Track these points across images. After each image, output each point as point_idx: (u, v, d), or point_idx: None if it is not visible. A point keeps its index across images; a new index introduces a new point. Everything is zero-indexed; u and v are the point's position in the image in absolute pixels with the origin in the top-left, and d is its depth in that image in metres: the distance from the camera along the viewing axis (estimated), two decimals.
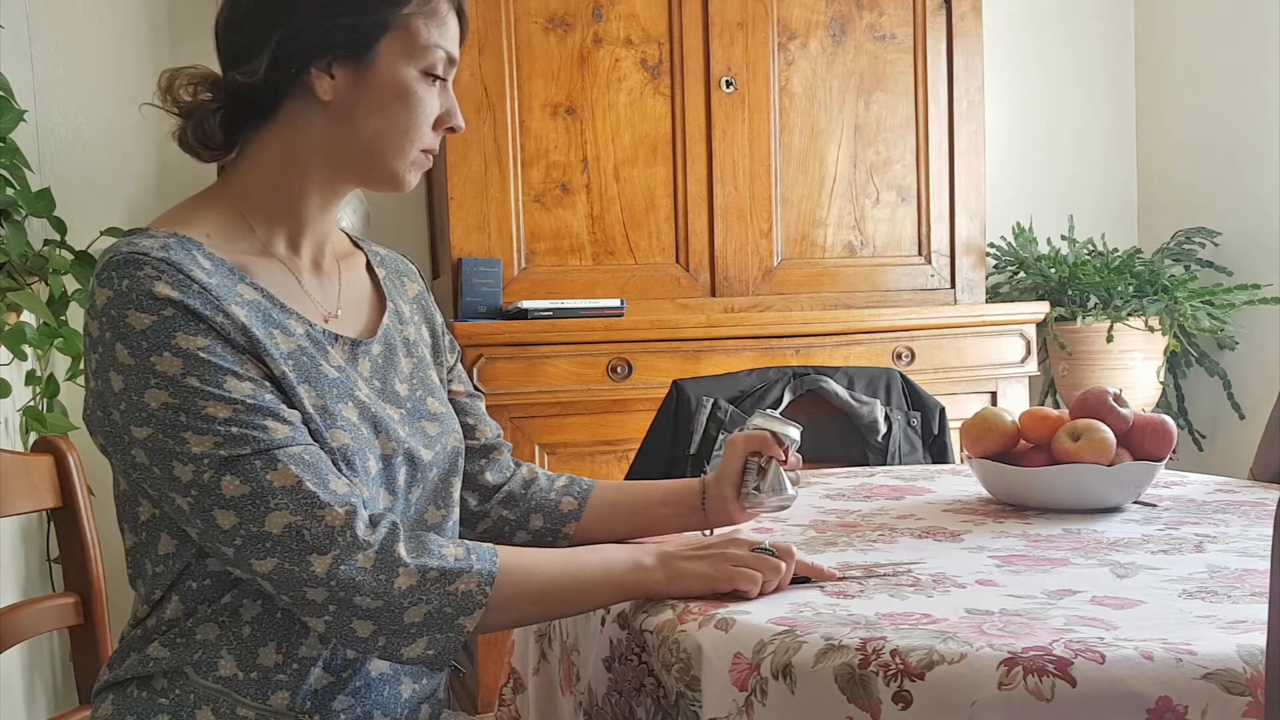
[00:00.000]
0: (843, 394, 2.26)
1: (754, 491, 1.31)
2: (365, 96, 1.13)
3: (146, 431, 1.03)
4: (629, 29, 2.73)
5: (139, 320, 1.02)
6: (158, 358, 1.02)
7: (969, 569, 1.16)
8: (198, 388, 1.02)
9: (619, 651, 1.15)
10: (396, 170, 1.17)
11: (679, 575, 1.09)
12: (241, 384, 1.04)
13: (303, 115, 1.14)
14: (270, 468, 1.02)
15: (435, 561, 1.04)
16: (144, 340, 1.02)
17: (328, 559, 1.01)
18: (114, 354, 1.03)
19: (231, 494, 1.01)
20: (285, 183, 1.16)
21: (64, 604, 1.34)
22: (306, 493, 1.02)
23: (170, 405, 1.02)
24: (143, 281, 1.03)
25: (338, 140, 1.15)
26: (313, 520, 1.02)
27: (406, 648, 1.03)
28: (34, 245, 2.48)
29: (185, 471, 1.02)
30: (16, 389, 2.41)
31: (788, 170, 2.85)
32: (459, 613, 1.03)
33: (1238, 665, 0.84)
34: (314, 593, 1.02)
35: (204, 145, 1.16)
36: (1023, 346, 2.90)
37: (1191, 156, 3.39)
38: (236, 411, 1.02)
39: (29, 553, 2.58)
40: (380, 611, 1.02)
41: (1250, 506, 1.47)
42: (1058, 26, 3.50)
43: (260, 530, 1.01)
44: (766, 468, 1.30)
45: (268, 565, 1.02)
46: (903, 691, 0.87)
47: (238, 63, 1.14)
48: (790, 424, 1.32)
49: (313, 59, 1.12)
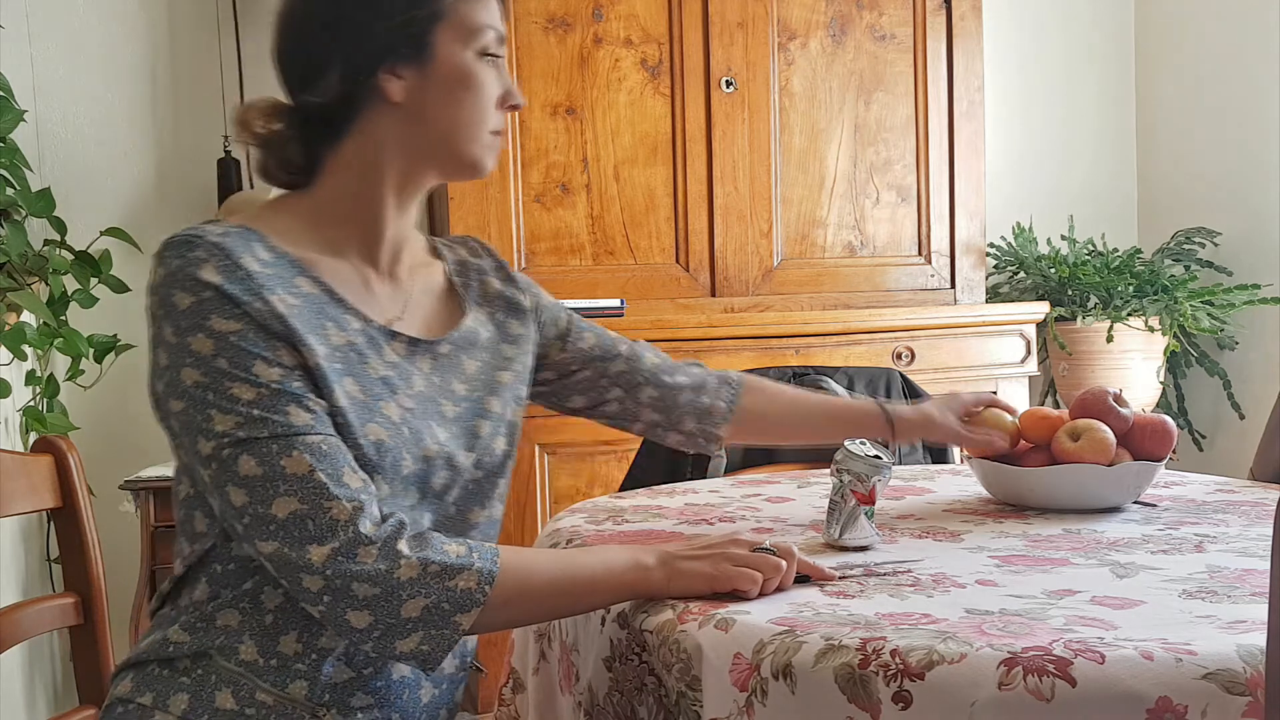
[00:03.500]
0: (843, 394, 2.25)
1: (834, 534, 1.27)
2: (433, 89, 1.16)
3: (180, 406, 1.07)
4: (629, 29, 2.73)
5: (182, 300, 1.06)
6: (193, 337, 1.05)
7: (969, 569, 1.16)
8: (225, 369, 1.05)
9: (619, 651, 1.15)
10: (475, 155, 1.20)
11: (679, 574, 1.09)
12: (269, 369, 1.06)
13: (377, 121, 1.17)
14: (285, 453, 1.04)
15: (437, 556, 1.04)
16: (184, 320, 1.06)
17: (325, 550, 1.02)
18: (162, 331, 1.08)
19: (246, 473, 1.03)
20: (364, 189, 1.19)
21: (64, 604, 1.34)
22: (317, 483, 1.03)
23: (200, 384, 1.05)
24: (191, 263, 1.07)
25: (414, 138, 1.17)
26: (318, 510, 1.02)
27: (401, 641, 1.03)
28: (34, 245, 2.48)
29: (207, 446, 1.05)
30: (16, 389, 2.41)
31: (788, 170, 2.85)
32: (456, 609, 1.03)
33: (1238, 665, 0.84)
34: (309, 580, 1.02)
35: (287, 172, 1.20)
36: (1023, 346, 2.90)
37: (1191, 157, 3.40)
38: (260, 395, 1.05)
39: (29, 553, 2.58)
40: (378, 600, 1.02)
41: (1250, 506, 1.47)
42: (1058, 26, 3.51)
43: (266, 512, 1.03)
44: (854, 513, 1.27)
45: (269, 547, 1.03)
46: (903, 691, 0.87)
47: (305, 85, 1.17)
48: (881, 462, 1.27)
49: (379, 64, 1.14)
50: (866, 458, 1.28)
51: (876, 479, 1.27)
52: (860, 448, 1.30)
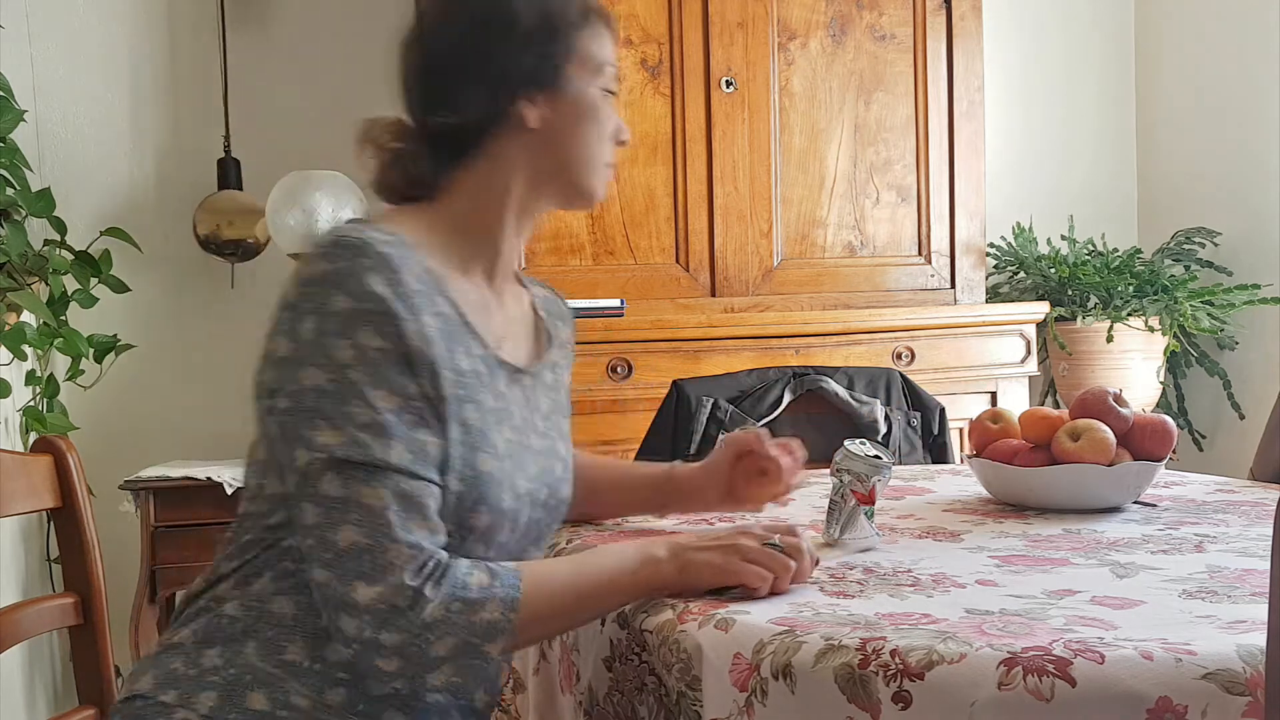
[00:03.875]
0: (843, 394, 2.26)
1: (834, 534, 1.27)
2: (564, 119, 1.19)
3: (289, 404, 1.05)
4: (629, 29, 2.73)
5: (339, 302, 1.05)
6: (336, 342, 1.04)
7: (969, 569, 1.16)
8: (354, 384, 1.04)
9: (619, 651, 1.15)
10: (592, 185, 1.24)
11: (690, 566, 1.09)
12: (392, 398, 1.05)
13: (509, 145, 1.19)
14: (368, 483, 1.03)
15: (460, 591, 1.03)
16: (333, 322, 1.04)
17: (372, 593, 1.01)
18: (299, 323, 1.05)
19: (325, 492, 1.03)
20: (489, 210, 1.20)
21: (64, 604, 1.34)
22: (385, 521, 1.02)
23: (321, 390, 1.04)
24: (360, 269, 1.05)
25: (542, 165, 1.20)
26: (377, 549, 1.02)
27: (431, 676, 1.03)
28: (34, 245, 2.48)
29: (304, 457, 1.04)
30: (16, 389, 2.41)
31: (788, 170, 2.85)
32: (484, 641, 1.03)
33: (1237, 665, 0.84)
34: (347, 621, 1.02)
35: (412, 187, 1.21)
36: (1023, 346, 2.90)
37: (1191, 157, 3.39)
38: (373, 420, 1.04)
39: (29, 553, 2.58)
40: (405, 646, 1.02)
41: (1250, 506, 1.47)
42: (1058, 26, 3.50)
43: (331, 538, 1.02)
44: (853, 513, 1.27)
45: (322, 576, 1.03)
46: (902, 691, 0.87)
47: (439, 107, 1.18)
48: (881, 462, 1.27)
49: (520, 91, 1.17)
50: (866, 458, 1.28)
51: (876, 479, 1.27)
52: (860, 448, 1.30)
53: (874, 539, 1.28)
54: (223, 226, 2.81)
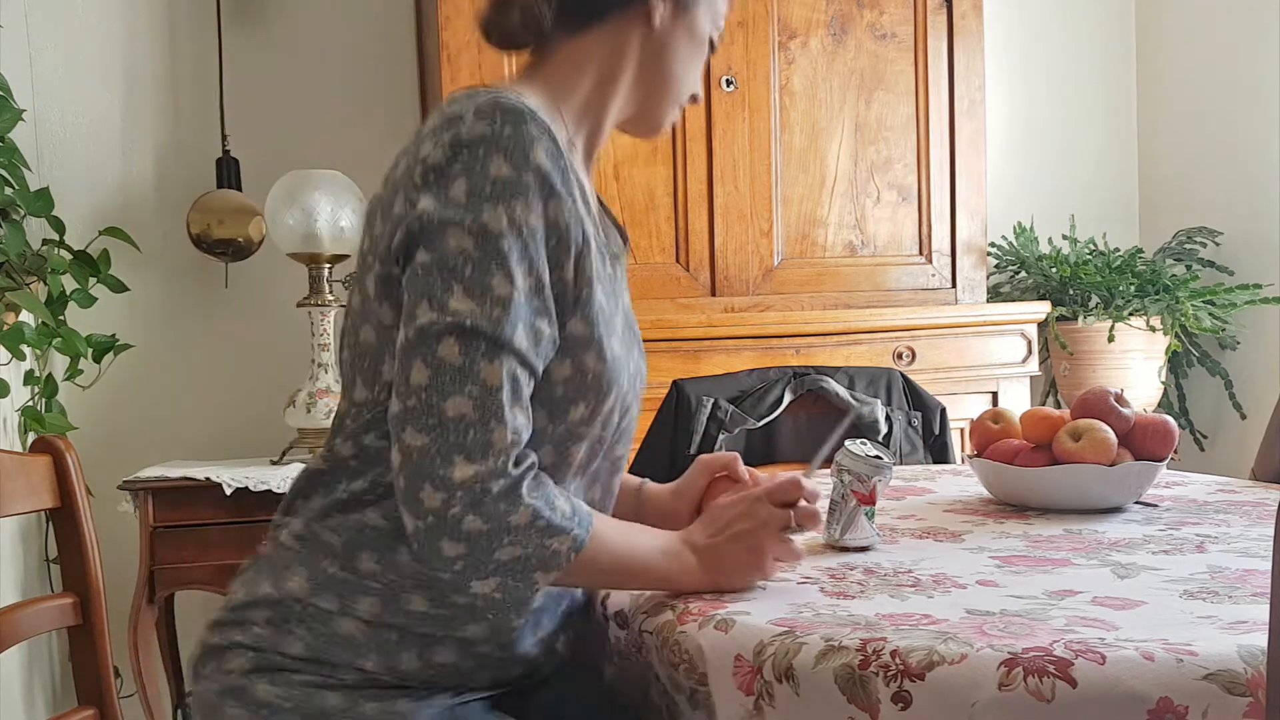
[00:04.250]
0: (843, 394, 2.25)
1: (835, 534, 1.27)
2: (680, 36, 1.20)
3: (429, 258, 1.02)
4: None
5: (499, 168, 1.02)
6: (491, 207, 1.01)
7: (970, 569, 1.15)
8: (501, 254, 1.01)
9: (619, 648, 1.15)
10: (667, 115, 1.24)
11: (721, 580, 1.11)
12: (530, 277, 1.03)
13: (626, 34, 1.18)
14: (489, 359, 1.00)
15: (546, 511, 1.02)
16: (490, 187, 1.01)
17: (470, 470, 0.99)
18: (446, 182, 1.02)
19: (444, 355, 1.00)
20: (599, 91, 1.19)
21: (63, 604, 1.34)
22: (497, 401, 1.00)
23: (465, 252, 1.01)
24: (524, 135, 1.03)
25: (647, 68, 1.20)
26: (482, 425, 1.00)
27: (479, 581, 1.02)
28: (32, 245, 2.48)
29: (426, 314, 1.01)
30: (15, 389, 2.41)
31: (788, 169, 2.85)
32: (539, 566, 1.02)
33: (1239, 666, 0.84)
34: (430, 494, 0.99)
35: (522, 32, 1.18)
36: (1024, 346, 2.89)
37: (1193, 156, 3.39)
38: (510, 296, 1.01)
39: (28, 553, 2.58)
40: (479, 537, 0.99)
41: (1251, 507, 1.47)
42: (1059, 25, 3.50)
43: (439, 403, 0.99)
44: (854, 513, 1.26)
45: (418, 441, 0.99)
46: (902, 692, 0.86)
47: None
48: (882, 463, 1.27)
49: None
50: (867, 458, 1.28)
51: (877, 479, 1.27)
52: (861, 448, 1.30)
53: (875, 539, 1.28)
54: (213, 226, 2.79)
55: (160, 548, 2.44)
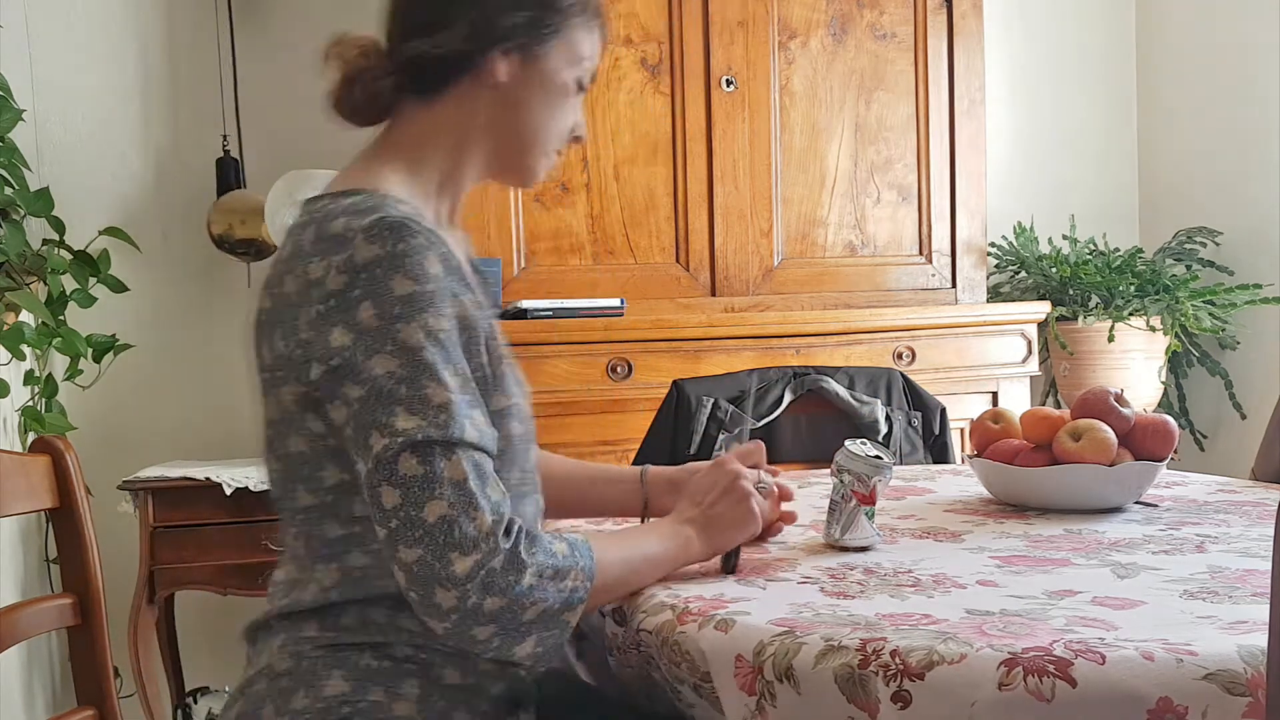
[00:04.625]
0: (843, 394, 2.25)
1: (835, 534, 1.27)
2: (531, 87, 1.21)
3: (359, 393, 1.04)
4: (629, 28, 2.73)
5: (401, 285, 1.04)
6: (404, 326, 1.04)
7: (970, 569, 1.15)
8: (428, 366, 1.04)
9: (616, 644, 1.15)
10: (537, 165, 1.25)
11: (717, 540, 1.20)
12: (457, 377, 1.06)
13: (472, 95, 1.20)
14: (446, 458, 1.03)
15: (548, 560, 1.06)
16: (397, 306, 1.04)
17: (469, 561, 1.02)
18: (355, 311, 1.04)
19: (405, 473, 1.03)
20: (455, 157, 1.22)
21: (62, 604, 1.34)
22: (469, 491, 1.03)
23: (395, 375, 1.03)
24: (416, 250, 1.06)
25: (501, 124, 1.21)
26: (465, 518, 1.03)
27: (518, 646, 1.05)
28: (32, 245, 2.48)
29: (378, 441, 1.03)
30: (15, 389, 2.41)
31: (788, 169, 2.85)
32: (565, 609, 1.06)
33: (1238, 666, 0.84)
34: (444, 595, 1.02)
35: (367, 107, 1.22)
36: (1024, 346, 2.89)
37: (1193, 156, 3.39)
38: (448, 401, 1.04)
39: (27, 553, 2.58)
40: (503, 612, 1.03)
41: (1251, 507, 1.47)
42: (1059, 25, 3.50)
43: (418, 515, 1.02)
44: (854, 513, 1.27)
45: (413, 554, 1.02)
46: (902, 692, 0.86)
47: (423, 32, 1.19)
48: (882, 463, 1.28)
49: (499, 43, 1.19)
50: (867, 458, 1.28)
51: (877, 479, 1.27)
52: (861, 448, 1.30)
53: (875, 539, 1.28)
54: (235, 226, 2.80)
55: (160, 548, 2.44)
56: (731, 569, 1.19)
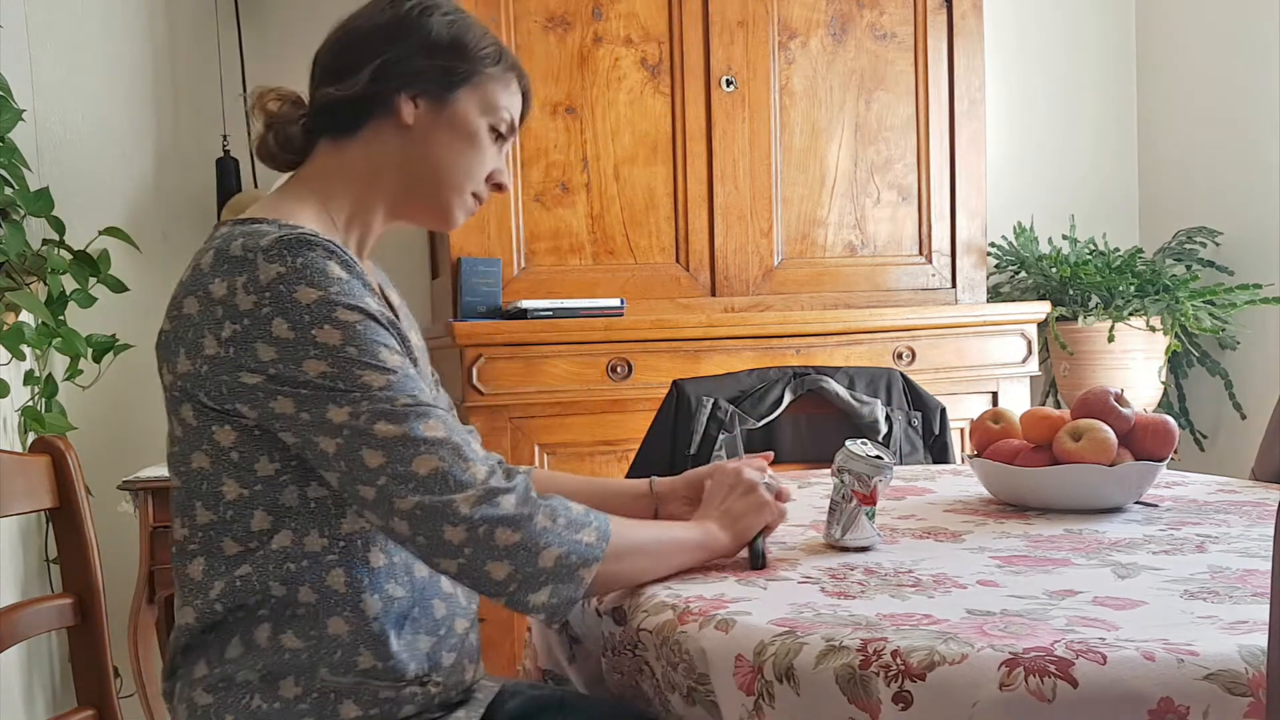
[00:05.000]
0: (843, 394, 2.25)
1: (835, 534, 1.28)
2: (440, 129, 1.25)
3: (293, 402, 1.07)
4: (629, 28, 2.73)
5: (306, 295, 1.07)
6: (319, 329, 1.07)
7: (970, 569, 1.15)
8: (354, 358, 1.07)
9: (613, 644, 1.15)
10: (451, 205, 1.29)
11: (742, 532, 1.23)
12: (393, 356, 1.09)
13: (382, 135, 1.25)
14: (423, 419, 1.07)
15: (563, 509, 1.09)
16: (307, 314, 1.07)
17: (471, 495, 1.05)
18: (268, 327, 1.07)
19: (384, 435, 1.05)
20: (363, 193, 1.26)
21: (62, 604, 1.34)
22: (453, 445, 1.07)
23: (327, 374, 1.07)
24: (316, 260, 1.09)
25: (410, 163, 1.26)
26: (458, 468, 1.06)
27: (534, 594, 1.06)
28: (32, 245, 2.48)
29: (341, 414, 1.06)
30: (15, 389, 2.41)
31: (788, 170, 2.85)
32: (581, 563, 1.08)
33: (1239, 666, 0.84)
34: (452, 531, 1.04)
35: (283, 150, 1.27)
36: (1024, 346, 2.89)
37: (1193, 156, 3.39)
38: (390, 381, 1.08)
39: (27, 553, 2.58)
40: (518, 548, 1.05)
41: (1252, 507, 1.47)
42: (1059, 25, 3.50)
43: (407, 470, 1.05)
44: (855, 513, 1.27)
45: (409, 502, 1.05)
46: (903, 692, 0.86)
47: (336, 78, 1.25)
48: (883, 463, 1.28)
49: (404, 86, 1.24)
50: (868, 458, 1.27)
51: (878, 479, 1.27)
52: (861, 448, 1.30)
53: (875, 539, 1.28)
54: None
55: (160, 548, 2.44)
56: (761, 564, 1.20)
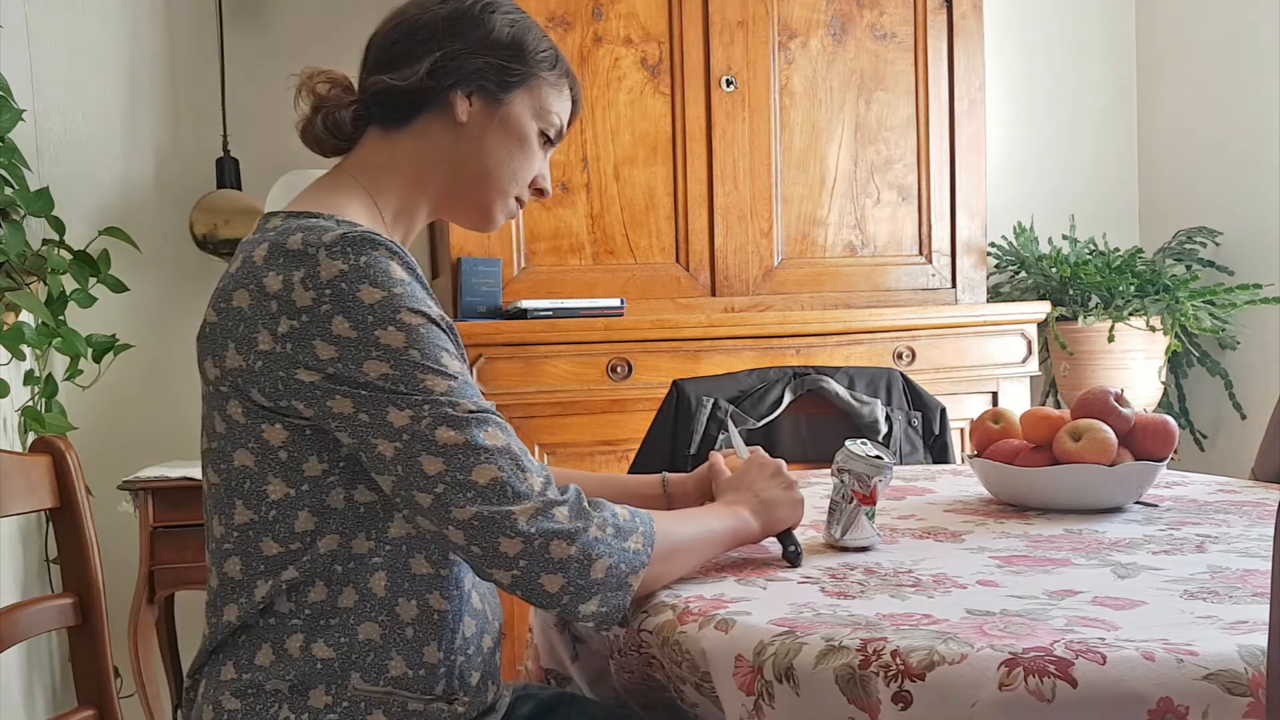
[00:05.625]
0: (843, 394, 2.25)
1: (835, 534, 1.28)
2: (493, 129, 1.25)
3: (353, 402, 1.06)
4: (629, 28, 2.73)
5: (370, 294, 1.06)
6: (382, 331, 1.06)
7: (970, 569, 1.15)
8: (418, 361, 1.06)
9: (617, 646, 1.15)
10: (494, 206, 1.28)
11: (772, 520, 1.24)
12: (454, 361, 1.09)
13: (434, 130, 1.24)
14: (483, 428, 1.07)
15: (611, 517, 1.09)
16: (370, 314, 1.06)
17: (529, 510, 1.05)
18: (328, 325, 1.06)
19: (444, 441, 1.05)
20: (411, 187, 1.25)
21: (62, 604, 1.34)
22: (512, 454, 1.07)
23: (389, 376, 1.05)
24: (379, 260, 1.08)
25: (460, 161, 1.25)
26: (517, 479, 1.06)
27: (584, 604, 1.07)
28: (32, 245, 2.48)
29: (401, 418, 1.05)
30: (15, 389, 2.41)
31: (788, 170, 2.85)
32: (630, 570, 1.08)
33: (1239, 666, 0.84)
34: (509, 544, 1.04)
35: (331, 135, 1.25)
36: (1024, 346, 2.89)
37: (1193, 156, 3.39)
38: (452, 386, 1.07)
39: (28, 553, 2.58)
40: (573, 561, 1.05)
41: (1252, 507, 1.47)
42: (1059, 25, 3.50)
43: (467, 479, 1.05)
44: (855, 513, 1.27)
45: (468, 512, 1.04)
46: (903, 692, 0.86)
47: (391, 67, 1.23)
48: (883, 463, 1.28)
49: (461, 82, 1.23)
50: (868, 458, 1.27)
51: (878, 479, 1.27)
52: (861, 448, 1.30)
53: (875, 539, 1.28)
54: (220, 226, 2.80)
55: (160, 548, 2.44)
56: (796, 560, 1.20)
